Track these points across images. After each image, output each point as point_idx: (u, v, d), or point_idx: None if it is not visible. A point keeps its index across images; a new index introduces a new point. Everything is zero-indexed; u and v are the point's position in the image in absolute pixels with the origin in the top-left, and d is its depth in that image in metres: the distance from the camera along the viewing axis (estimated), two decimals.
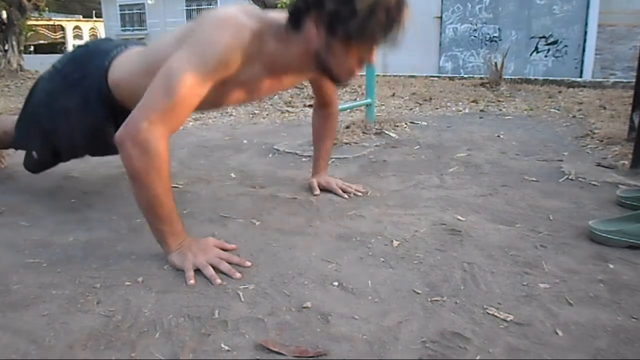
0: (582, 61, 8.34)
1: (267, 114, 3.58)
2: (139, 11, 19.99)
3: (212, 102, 1.23)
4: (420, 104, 3.98)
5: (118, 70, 1.35)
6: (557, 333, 0.86)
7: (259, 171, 1.95)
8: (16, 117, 1.63)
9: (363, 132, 2.65)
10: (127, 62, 1.35)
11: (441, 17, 9.34)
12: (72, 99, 1.40)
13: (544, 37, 8.56)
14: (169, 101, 1.05)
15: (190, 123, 3.08)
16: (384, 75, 6.48)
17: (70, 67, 1.44)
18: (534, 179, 1.81)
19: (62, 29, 26.14)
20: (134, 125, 1.05)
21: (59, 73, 1.45)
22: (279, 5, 4.92)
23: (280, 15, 1.19)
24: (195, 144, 2.43)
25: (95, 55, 1.39)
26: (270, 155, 2.22)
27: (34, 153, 1.51)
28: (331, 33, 1.09)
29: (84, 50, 1.48)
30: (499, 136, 2.64)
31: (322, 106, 1.67)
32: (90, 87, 1.37)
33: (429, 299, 0.97)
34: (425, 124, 3.05)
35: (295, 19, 1.13)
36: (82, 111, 1.39)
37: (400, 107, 3.80)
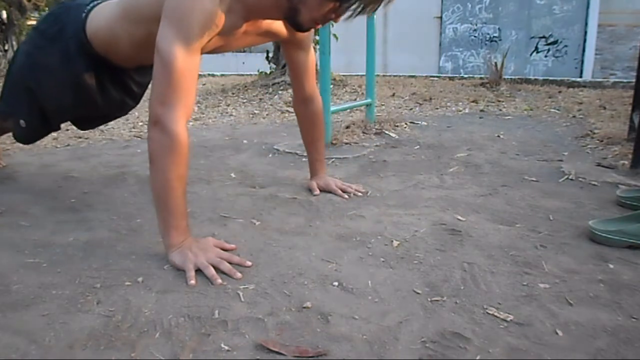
0: (582, 61, 8.34)
1: (267, 114, 3.58)
2: None
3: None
4: (420, 104, 3.98)
5: (95, 20, 1.37)
6: (557, 333, 0.86)
7: (259, 171, 1.94)
8: None
9: (363, 132, 2.65)
10: (104, 12, 1.37)
11: (441, 17, 9.34)
12: (52, 54, 1.41)
13: (544, 37, 8.56)
14: (172, 81, 1.08)
15: (191, 123, 3.08)
16: (384, 75, 6.48)
17: (47, 23, 1.45)
18: (534, 179, 1.81)
19: None
20: (152, 111, 1.10)
21: (36, 30, 1.47)
22: None
23: None
24: (195, 144, 2.43)
25: (72, 8, 1.41)
26: (270, 155, 2.22)
27: (21, 122, 1.50)
28: None
29: (61, 5, 1.49)
30: (499, 136, 2.64)
31: (304, 102, 1.62)
32: (69, 40, 1.39)
33: (429, 299, 0.97)
34: (425, 124, 3.05)
35: None
36: (64, 64, 1.40)
37: (400, 107, 3.80)
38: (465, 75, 6.51)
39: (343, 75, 5.61)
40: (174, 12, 1.10)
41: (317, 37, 2.53)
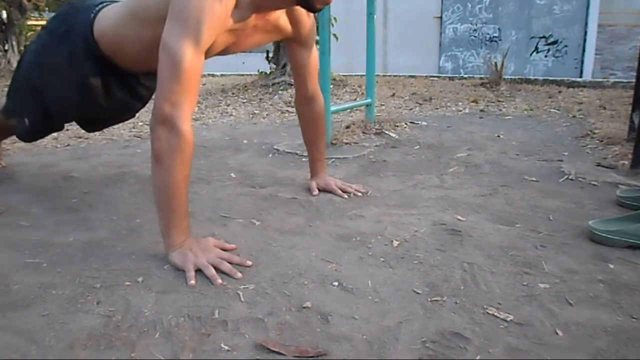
0: (582, 61, 8.34)
1: (267, 114, 3.58)
2: None
3: (215, 52, 1.27)
4: (420, 104, 3.98)
5: (103, 21, 1.37)
6: (557, 333, 0.86)
7: (259, 171, 1.94)
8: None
9: (363, 132, 2.65)
10: (112, 13, 1.37)
11: (441, 17, 9.34)
12: (59, 54, 1.41)
13: (544, 37, 8.56)
14: (179, 81, 1.09)
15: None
16: (384, 75, 6.48)
17: (56, 22, 1.46)
18: (534, 179, 1.81)
19: None
20: (159, 110, 1.09)
21: (45, 30, 1.47)
22: None
23: None
24: (195, 144, 2.42)
25: (81, 10, 1.42)
26: (270, 155, 2.22)
27: (25, 120, 1.51)
28: None
29: (70, 5, 1.49)
30: (499, 136, 2.64)
31: (306, 101, 1.61)
32: (77, 40, 1.39)
33: (429, 299, 0.97)
34: (425, 124, 3.05)
35: None
36: (70, 64, 1.41)
37: (400, 107, 3.80)
38: (465, 75, 6.51)
39: (343, 75, 5.61)
40: (181, 11, 1.10)
41: (317, 37, 2.54)
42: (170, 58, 1.09)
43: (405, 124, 2.99)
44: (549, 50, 8.59)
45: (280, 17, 1.34)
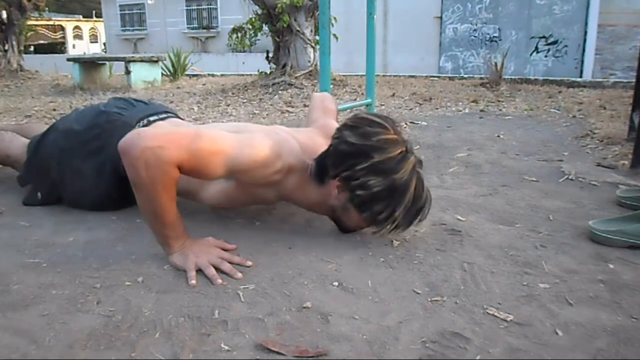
0: (582, 61, 8.34)
1: (267, 114, 3.58)
2: (139, 11, 19.98)
3: (221, 199, 1.30)
4: (420, 104, 3.98)
5: None
6: (557, 333, 0.86)
7: None
8: (21, 140, 1.64)
9: None
10: None
11: (441, 17, 9.34)
12: (87, 165, 1.42)
13: (544, 37, 8.56)
14: (192, 146, 1.05)
15: (191, 123, 3.07)
16: (384, 75, 6.48)
17: (90, 135, 1.43)
18: (534, 179, 1.81)
19: (62, 29, 26.12)
20: (147, 140, 1.01)
21: (78, 136, 1.44)
22: (278, 5, 4.91)
23: (316, 144, 1.25)
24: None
25: (118, 129, 1.36)
26: None
27: (38, 194, 1.52)
28: (350, 201, 1.16)
29: (105, 118, 1.44)
30: (499, 136, 2.64)
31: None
32: (108, 160, 1.39)
33: (429, 299, 0.97)
34: (425, 124, 3.05)
35: (320, 176, 1.20)
36: (95, 178, 1.42)
37: (400, 107, 3.80)
38: (465, 75, 6.51)
39: (343, 75, 5.61)
40: (246, 138, 1.13)
41: (317, 37, 2.53)
42: (205, 135, 1.09)
43: (405, 124, 2.98)
44: (549, 50, 8.59)
45: None
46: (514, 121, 3.15)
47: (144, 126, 1.40)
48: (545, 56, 8.62)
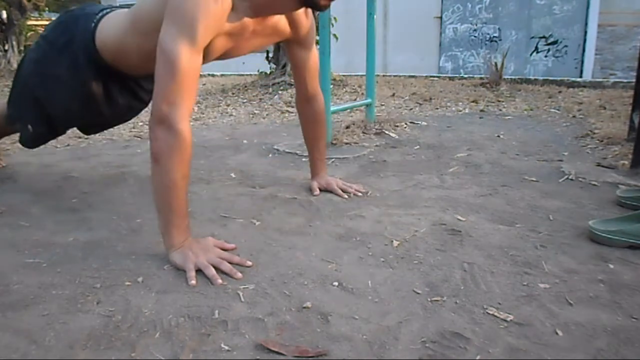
0: (582, 61, 8.33)
1: (267, 114, 3.58)
2: None
3: (212, 56, 1.28)
4: (420, 104, 3.98)
5: (104, 31, 1.37)
6: (557, 333, 0.86)
7: (259, 171, 1.94)
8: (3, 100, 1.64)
9: (363, 132, 2.65)
10: (113, 22, 1.37)
11: (441, 17, 9.34)
12: (61, 64, 1.41)
13: (544, 37, 8.56)
14: (176, 80, 1.09)
15: (191, 123, 3.08)
16: (384, 75, 6.48)
17: (56, 33, 1.45)
18: (534, 179, 1.81)
19: None
20: (157, 110, 1.09)
21: (45, 39, 1.46)
22: None
23: None
24: (195, 144, 2.41)
25: (81, 18, 1.41)
26: (270, 155, 2.22)
27: (29, 126, 1.51)
28: None
29: (69, 15, 1.48)
30: (499, 136, 2.64)
31: (307, 101, 1.61)
32: (78, 50, 1.39)
33: (429, 299, 0.97)
34: (425, 124, 3.05)
35: None
36: (73, 74, 1.41)
37: (400, 107, 3.80)
38: (465, 75, 6.51)
39: (343, 75, 5.61)
40: (177, 11, 1.10)
41: (317, 37, 2.54)
42: (166, 58, 1.09)
43: (405, 124, 2.98)
44: (549, 50, 8.58)
45: (279, 19, 1.34)
46: (514, 121, 3.15)
47: (106, 13, 1.41)
48: (545, 56, 8.61)
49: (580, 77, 7.84)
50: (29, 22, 7.99)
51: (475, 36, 9.12)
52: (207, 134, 2.79)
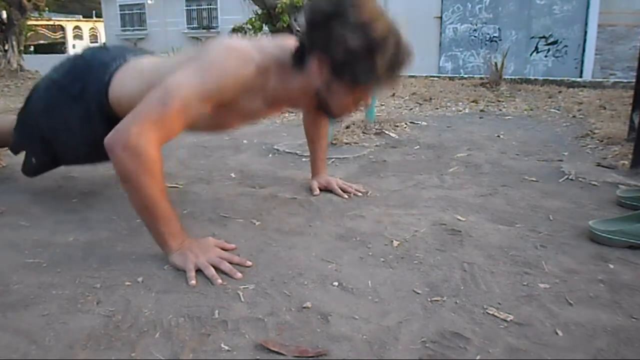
0: (582, 61, 8.34)
1: None
2: (139, 11, 19.99)
3: (210, 125, 1.28)
4: (420, 104, 3.98)
5: (119, 87, 1.34)
6: (557, 333, 0.86)
7: (259, 171, 1.94)
8: (11, 117, 1.63)
9: (363, 132, 2.65)
10: (129, 80, 1.34)
11: (441, 17, 9.34)
12: (72, 112, 1.40)
13: (544, 37, 8.56)
14: (163, 112, 1.06)
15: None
16: None
17: (69, 79, 1.42)
18: (534, 179, 1.81)
19: (62, 29, 26.14)
20: (125, 130, 1.05)
21: (57, 84, 1.43)
22: (278, 5, 4.91)
23: (288, 45, 1.21)
24: (195, 144, 2.43)
25: (94, 68, 1.37)
26: (270, 155, 2.22)
27: (33, 159, 1.50)
28: (334, 75, 1.13)
29: (82, 61, 1.45)
30: (499, 136, 2.64)
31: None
32: (91, 102, 1.38)
33: (429, 299, 0.97)
34: (425, 124, 3.05)
35: (300, 57, 1.16)
36: (83, 124, 1.40)
37: (400, 107, 3.80)
38: (465, 75, 6.51)
39: None
40: (202, 59, 1.10)
41: None
42: (165, 88, 1.06)
43: (405, 124, 2.98)
44: (549, 50, 8.59)
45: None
46: (514, 121, 3.15)
47: (120, 65, 1.38)
48: (545, 56, 8.62)
49: (580, 77, 7.84)
50: (29, 22, 7.99)
51: (475, 36, 9.12)
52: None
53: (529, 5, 8.55)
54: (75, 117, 1.40)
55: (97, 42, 26.79)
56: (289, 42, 1.24)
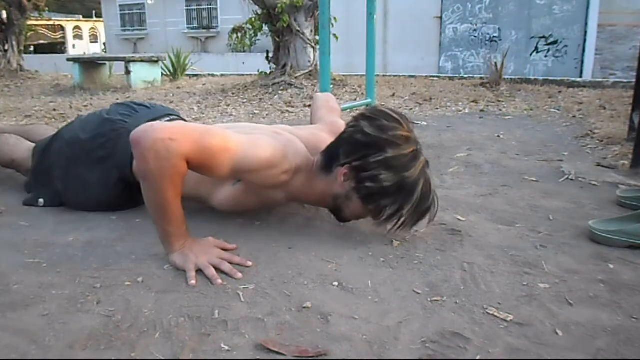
0: (582, 61, 8.34)
1: (267, 114, 3.58)
2: (139, 11, 19.98)
3: (228, 201, 1.31)
4: (420, 104, 3.98)
5: None
6: (557, 333, 0.86)
7: None
8: (25, 144, 1.64)
9: None
10: None
11: (441, 17, 9.34)
12: (92, 175, 1.42)
13: (544, 37, 8.56)
14: (204, 139, 1.06)
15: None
16: (384, 75, 6.48)
17: (95, 145, 1.42)
18: (534, 179, 1.81)
19: (62, 29, 26.12)
20: (159, 132, 1.02)
21: (82, 145, 1.43)
22: (278, 5, 4.91)
23: (322, 138, 1.31)
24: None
25: (123, 138, 1.34)
26: None
27: (40, 200, 1.52)
28: (356, 191, 1.17)
29: (112, 128, 1.43)
30: (499, 136, 2.64)
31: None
32: (114, 168, 1.40)
33: (429, 299, 0.97)
34: (425, 124, 3.05)
35: (328, 164, 1.21)
36: (101, 187, 1.42)
37: (400, 107, 3.80)
38: (465, 75, 6.51)
39: (343, 75, 5.61)
40: (250, 142, 1.13)
41: (317, 37, 2.54)
42: (215, 134, 1.09)
43: None
44: (549, 50, 8.59)
45: None
46: (514, 121, 3.15)
47: None
48: (545, 56, 8.62)
49: (580, 77, 7.85)
50: (29, 22, 7.99)
51: (475, 36, 9.13)
52: None
53: (529, 5, 8.55)
54: (94, 179, 1.42)
55: (97, 42, 26.74)
56: (323, 135, 1.33)
